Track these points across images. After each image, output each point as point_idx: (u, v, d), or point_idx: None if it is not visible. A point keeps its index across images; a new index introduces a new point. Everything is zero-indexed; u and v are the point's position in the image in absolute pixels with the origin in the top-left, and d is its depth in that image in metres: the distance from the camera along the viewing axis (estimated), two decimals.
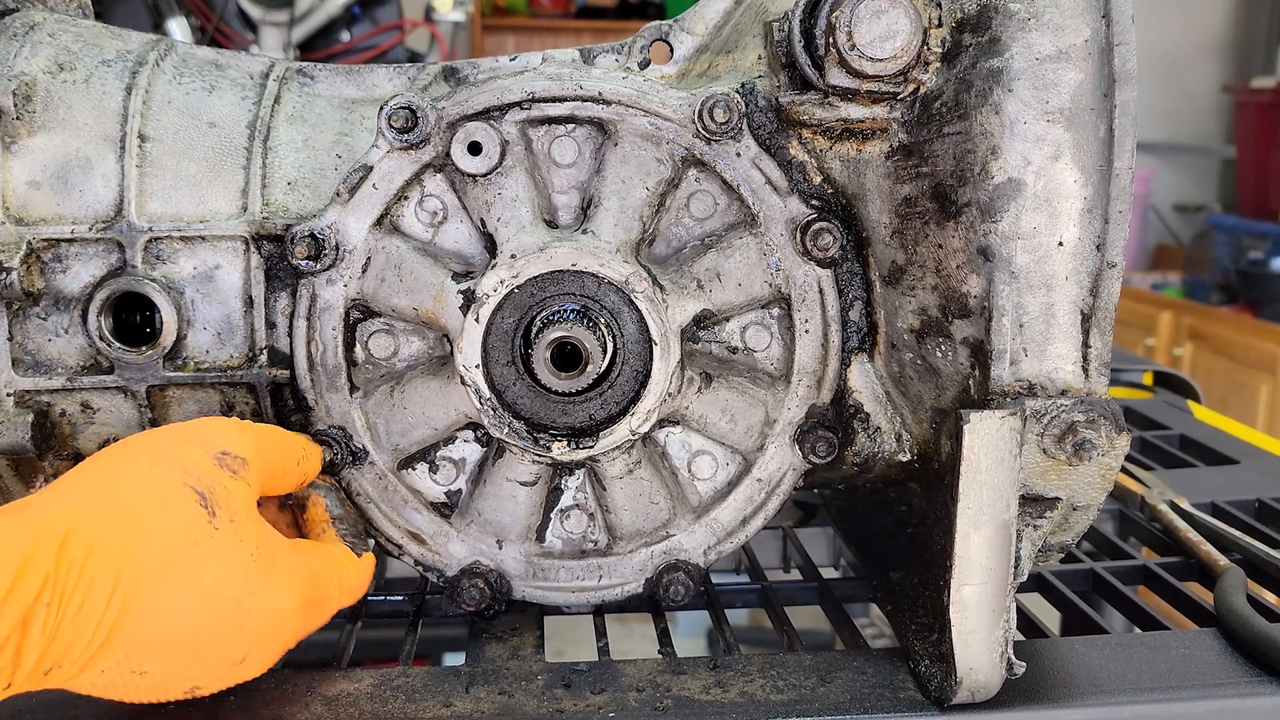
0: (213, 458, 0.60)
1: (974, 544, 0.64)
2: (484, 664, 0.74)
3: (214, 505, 0.57)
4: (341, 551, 0.69)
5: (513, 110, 0.74)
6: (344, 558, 0.68)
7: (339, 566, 0.66)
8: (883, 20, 0.68)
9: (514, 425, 0.74)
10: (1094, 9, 0.65)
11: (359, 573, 0.69)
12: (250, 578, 0.57)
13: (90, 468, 0.58)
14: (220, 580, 0.56)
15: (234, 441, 0.62)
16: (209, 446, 0.60)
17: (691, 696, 0.68)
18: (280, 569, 0.60)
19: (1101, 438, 0.66)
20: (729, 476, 0.80)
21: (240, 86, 0.81)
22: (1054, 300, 0.67)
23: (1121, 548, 0.96)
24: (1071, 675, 0.70)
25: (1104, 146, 0.65)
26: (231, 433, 0.63)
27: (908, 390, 0.77)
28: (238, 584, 0.57)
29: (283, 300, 0.77)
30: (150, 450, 0.59)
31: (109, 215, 0.76)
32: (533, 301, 0.73)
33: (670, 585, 0.79)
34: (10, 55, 0.77)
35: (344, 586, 0.67)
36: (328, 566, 0.65)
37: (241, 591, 0.57)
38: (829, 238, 0.75)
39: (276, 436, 0.68)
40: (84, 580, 0.50)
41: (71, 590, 0.49)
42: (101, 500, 0.54)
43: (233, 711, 0.67)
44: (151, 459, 0.58)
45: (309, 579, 0.62)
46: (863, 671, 0.71)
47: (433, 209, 0.76)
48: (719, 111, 0.73)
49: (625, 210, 0.74)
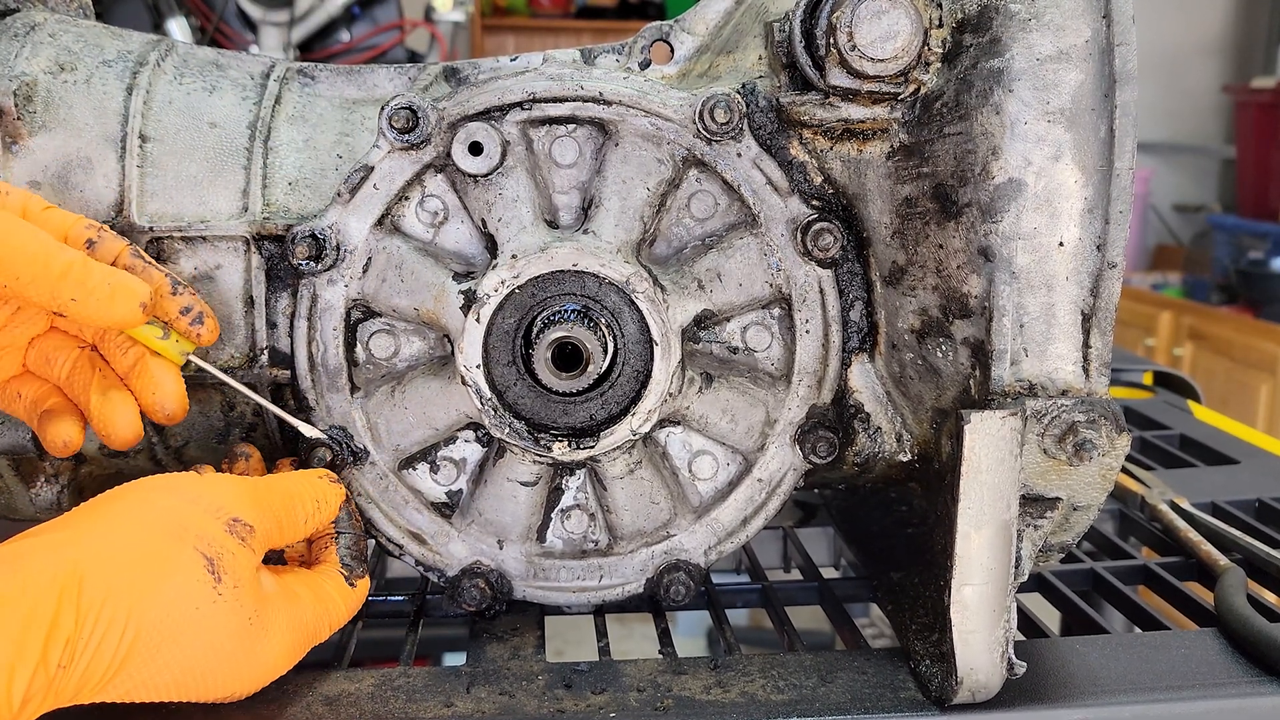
0: (224, 524, 0.62)
1: (974, 544, 0.64)
2: (485, 664, 0.74)
3: (220, 571, 0.60)
4: (334, 587, 0.69)
5: (514, 110, 0.74)
6: (335, 595, 0.69)
7: (329, 609, 0.68)
8: (883, 21, 0.68)
9: (515, 425, 0.74)
10: (1095, 9, 0.65)
11: (349, 608, 0.70)
12: (246, 639, 0.61)
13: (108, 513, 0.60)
14: (219, 641, 0.59)
15: (245, 509, 0.63)
16: (221, 513, 0.62)
17: (692, 696, 0.68)
18: (274, 629, 0.63)
19: (1102, 438, 0.66)
20: (730, 476, 0.80)
21: (241, 87, 0.81)
22: (1054, 300, 0.67)
23: (1122, 548, 0.96)
24: (1072, 675, 0.70)
25: (1104, 147, 0.65)
26: (245, 500, 0.64)
27: (908, 390, 0.77)
28: (235, 645, 0.60)
29: (283, 300, 0.77)
30: (166, 511, 0.60)
31: (110, 215, 0.76)
32: (534, 302, 0.73)
33: (671, 585, 0.79)
34: (11, 55, 0.77)
35: (333, 624, 0.69)
36: (317, 614, 0.67)
37: (238, 651, 0.61)
38: (830, 238, 0.75)
39: (285, 500, 0.67)
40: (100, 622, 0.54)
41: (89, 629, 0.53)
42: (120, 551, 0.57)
43: (233, 711, 0.67)
44: (167, 522, 0.60)
45: (300, 631, 0.66)
46: (863, 671, 0.71)
47: (434, 209, 0.76)
48: (720, 112, 0.73)
49: (626, 210, 0.74)
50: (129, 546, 0.57)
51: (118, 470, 0.82)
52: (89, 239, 0.66)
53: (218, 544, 0.60)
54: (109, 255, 0.67)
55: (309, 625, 0.67)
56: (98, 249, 0.66)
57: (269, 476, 0.70)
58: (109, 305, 0.62)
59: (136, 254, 0.68)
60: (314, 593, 0.68)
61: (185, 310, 0.69)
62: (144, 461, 0.81)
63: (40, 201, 0.66)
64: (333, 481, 0.72)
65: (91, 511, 0.60)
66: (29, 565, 0.53)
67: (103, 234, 0.67)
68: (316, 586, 0.68)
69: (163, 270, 0.69)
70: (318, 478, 0.71)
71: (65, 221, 0.66)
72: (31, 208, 0.65)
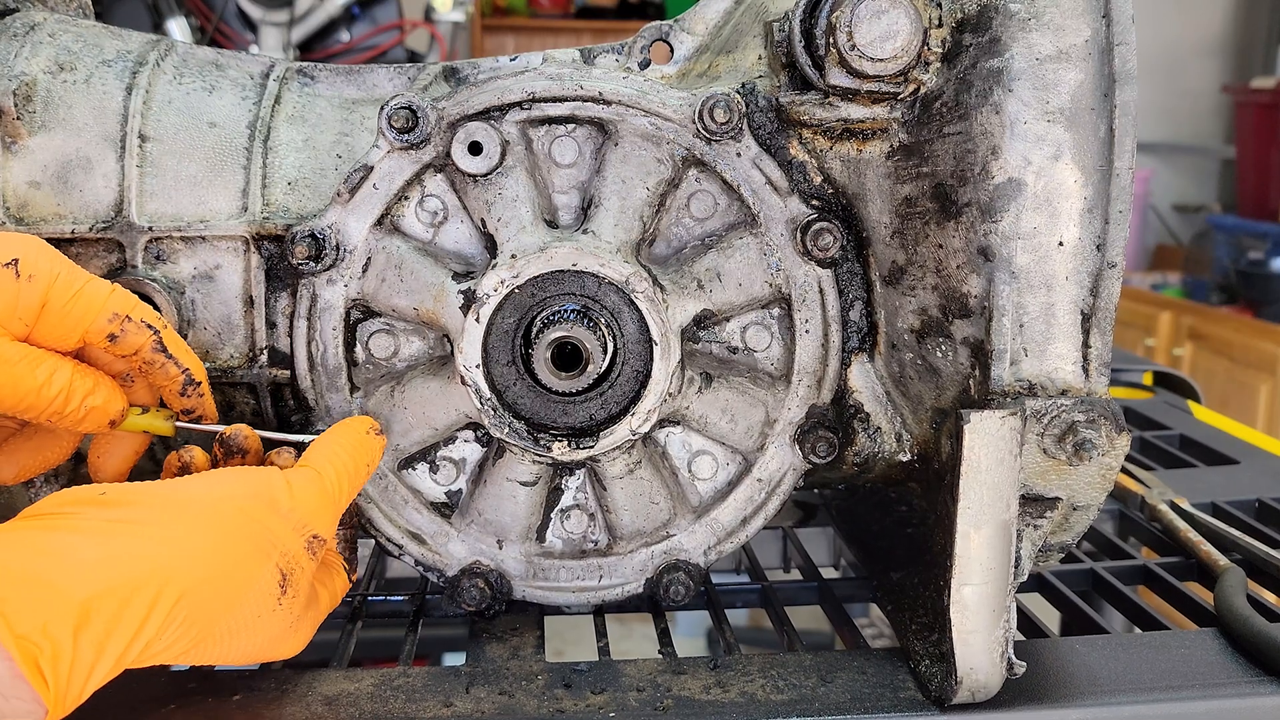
0: (305, 541, 0.64)
1: (974, 544, 0.64)
2: (484, 664, 0.74)
3: (288, 584, 0.63)
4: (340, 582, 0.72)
5: (513, 110, 0.74)
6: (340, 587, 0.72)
7: (332, 602, 0.71)
8: (883, 20, 0.68)
9: (514, 425, 0.74)
10: (1094, 9, 0.65)
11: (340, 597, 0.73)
12: (280, 639, 0.65)
13: (198, 513, 0.60)
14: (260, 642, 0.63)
15: (324, 523, 0.66)
16: (306, 530, 0.64)
17: (692, 696, 0.68)
18: (302, 630, 0.67)
19: (1102, 438, 0.66)
20: (729, 476, 0.80)
21: (240, 87, 0.81)
22: (1054, 300, 0.67)
23: (1121, 548, 0.96)
24: (1071, 675, 0.70)
25: (1104, 146, 0.65)
26: (327, 514, 0.66)
27: (908, 390, 0.77)
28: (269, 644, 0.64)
29: (283, 300, 0.77)
30: (261, 526, 0.62)
31: (109, 215, 0.76)
32: (533, 301, 0.73)
33: (670, 585, 0.79)
34: (11, 55, 0.77)
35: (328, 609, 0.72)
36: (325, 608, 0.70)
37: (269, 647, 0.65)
38: (829, 238, 0.75)
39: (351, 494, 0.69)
40: (177, 632, 0.56)
41: (168, 638, 0.55)
42: (209, 564, 0.58)
43: (233, 711, 0.67)
44: (259, 536, 0.61)
45: (314, 627, 0.69)
46: (863, 671, 0.71)
47: (433, 209, 0.76)
48: (719, 111, 0.73)
49: (625, 210, 0.74)
50: (218, 558, 0.58)
51: None
52: (110, 333, 0.66)
53: (295, 560, 0.63)
54: (130, 348, 0.67)
55: (319, 618, 0.69)
56: (120, 343, 0.66)
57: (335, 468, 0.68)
58: (80, 424, 0.67)
59: (158, 348, 0.68)
60: (328, 591, 0.70)
61: (186, 412, 0.71)
62: (144, 461, 0.81)
63: (69, 287, 0.65)
64: (377, 434, 0.72)
65: (177, 503, 0.60)
66: (123, 565, 0.54)
67: (126, 326, 0.66)
68: (329, 583, 0.71)
69: (181, 368, 0.69)
70: (365, 432, 0.71)
71: (89, 312, 0.65)
72: (55, 299, 0.64)
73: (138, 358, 0.68)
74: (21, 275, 0.63)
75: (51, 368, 0.64)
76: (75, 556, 0.53)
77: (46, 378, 0.64)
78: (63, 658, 0.49)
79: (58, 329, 0.65)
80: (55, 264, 0.65)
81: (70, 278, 0.65)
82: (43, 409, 0.65)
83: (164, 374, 0.69)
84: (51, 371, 0.64)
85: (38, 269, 0.64)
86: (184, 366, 0.69)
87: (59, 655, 0.49)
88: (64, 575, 0.51)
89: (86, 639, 0.50)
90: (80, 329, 0.65)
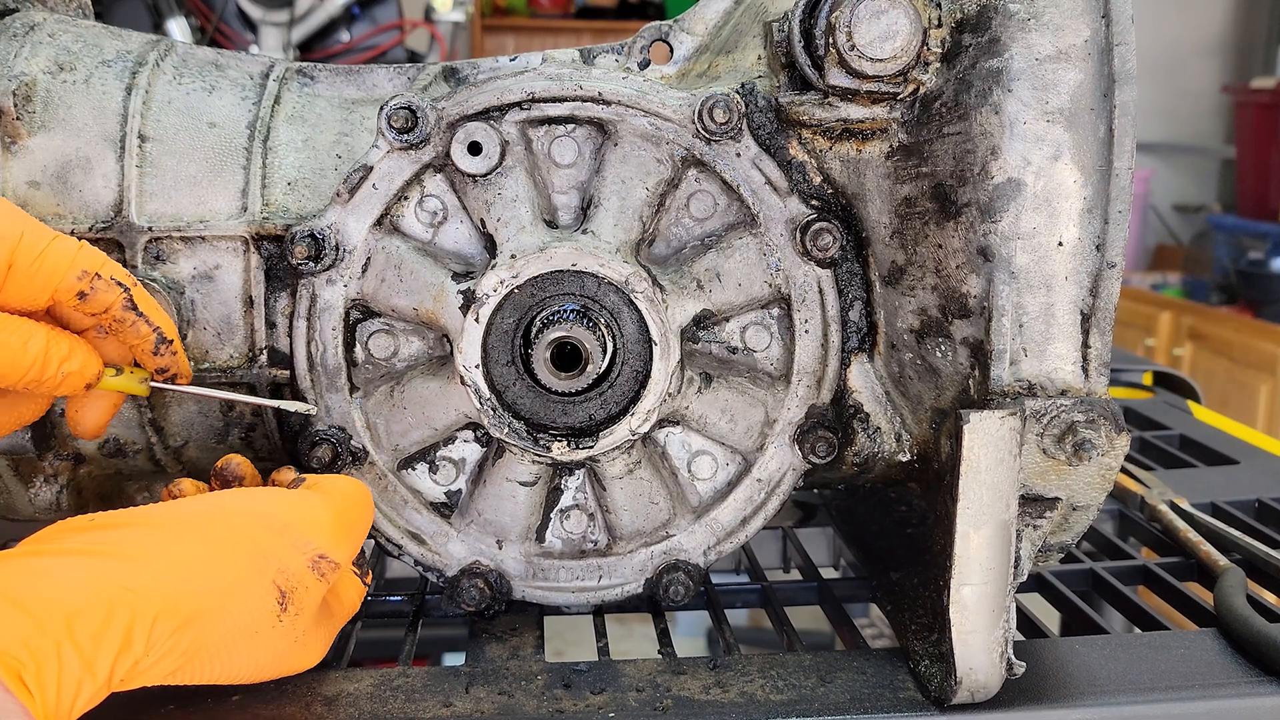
0: (309, 560, 0.62)
1: (974, 544, 0.64)
2: (484, 664, 0.74)
3: (289, 603, 0.61)
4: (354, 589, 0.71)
5: (513, 110, 0.74)
6: (354, 596, 0.71)
7: (346, 610, 0.70)
8: (882, 20, 0.68)
9: (514, 425, 0.74)
10: (1094, 9, 0.65)
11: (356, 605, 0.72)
12: (287, 655, 0.64)
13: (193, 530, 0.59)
14: (263, 658, 0.62)
15: (334, 545, 0.64)
16: (308, 548, 0.63)
17: (691, 697, 0.68)
18: (313, 644, 0.66)
19: (1101, 438, 0.66)
20: (729, 476, 0.80)
21: (240, 87, 0.81)
22: (1054, 300, 0.67)
23: (1121, 548, 0.96)
24: (1071, 675, 0.70)
25: (1104, 146, 0.65)
26: (333, 533, 0.64)
27: (907, 390, 0.77)
28: (275, 660, 0.64)
29: (282, 300, 0.77)
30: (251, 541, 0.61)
31: (109, 215, 0.76)
32: (533, 301, 0.73)
33: (670, 585, 0.79)
34: (10, 55, 0.77)
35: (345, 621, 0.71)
36: (342, 614, 0.70)
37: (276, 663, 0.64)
38: (829, 238, 0.75)
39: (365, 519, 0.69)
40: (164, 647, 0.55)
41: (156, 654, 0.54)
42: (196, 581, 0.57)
43: (233, 710, 0.67)
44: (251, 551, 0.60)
45: (329, 635, 0.69)
46: (863, 671, 0.71)
47: (433, 209, 0.76)
48: (719, 112, 0.73)
49: (625, 210, 0.74)
50: (207, 576, 0.57)
51: (117, 470, 0.82)
52: (80, 291, 0.65)
53: (296, 578, 0.61)
54: (100, 306, 0.66)
55: (335, 630, 0.69)
56: (89, 300, 0.65)
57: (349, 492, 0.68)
58: (57, 389, 0.66)
59: (128, 306, 0.67)
60: (340, 600, 0.69)
61: (161, 371, 0.70)
62: (143, 462, 0.81)
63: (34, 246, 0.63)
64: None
65: (171, 522, 0.59)
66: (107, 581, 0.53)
67: (95, 284, 0.65)
68: (343, 595, 0.70)
69: (152, 326, 0.68)
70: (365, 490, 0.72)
71: (57, 271, 0.64)
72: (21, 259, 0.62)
73: (108, 315, 0.66)
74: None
75: (26, 334, 0.63)
76: (57, 576, 0.52)
77: (21, 345, 0.63)
78: (48, 671, 0.48)
79: (26, 289, 0.63)
80: (17, 222, 0.63)
81: (35, 236, 0.63)
82: (19, 377, 0.63)
83: (135, 332, 0.67)
84: (26, 339, 0.63)
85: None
86: (155, 324, 0.68)
87: (43, 669, 0.48)
88: (45, 593, 0.51)
89: (70, 652, 0.49)
90: (49, 288, 0.64)
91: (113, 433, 0.80)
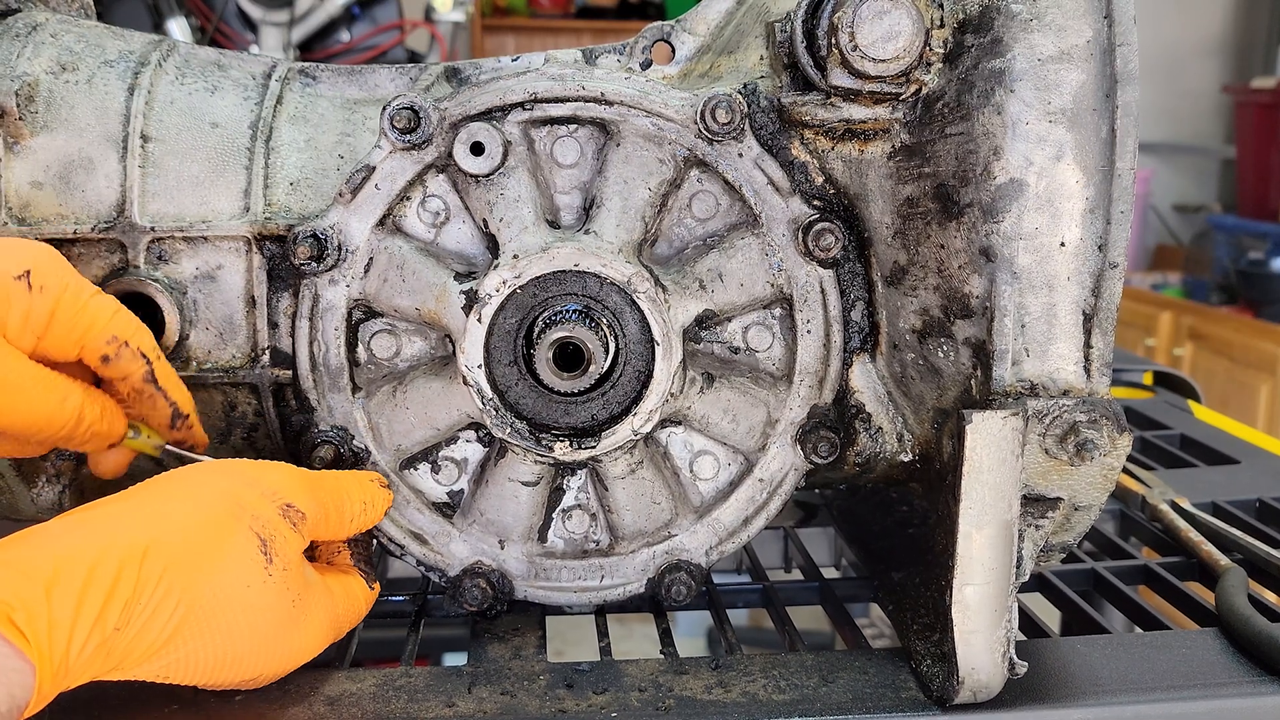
0: (278, 508, 0.64)
1: (976, 544, 0.64)
2: (486, 664, 0.74)
3: (271, 552, 0.62)
4: (358, 586, 0.72)
5: (515, 111, 0.74)
6: (359, 594, 0.72)
7: (355, 603, 0.71)
8: (885, 21, 0.68)
9: (516, 425, 0.74)
10: (1096, 10, 0.65)
11: (367, 605, 0.73)
12: (289, 621, 0.63)
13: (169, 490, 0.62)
14: (264, 621, 0.62)
15: (299, 496, 0.65)
16: (276, 498, 0.64)
17: (694, 696, 0.69)
18: (313, 615, 0.66)
19: (1103, 438, 0.66)
20: (731, 476, 0.80)
21: (242, 87, 0.81)
22: (1056, 300, 0.67)
23: (1122, 547, 0.96)
24: (1073, 675, 0.70)
25: (1106, 147, 0.65)
26: (300, 487, 0.66)
27: (909, 390, 0.77)
28: (277, 625, 0.63)
29: (285, 300, 0.77)
30: (225, 492, 0.62)
31: (111, 215, 0.76)
32: (535, 302, 0.73)
33: (672, 585, 0.79)
34: (13, 56, 0.77)
35: (354, 621, 0.72)
36: (347, 606, 0.70)
37: (280, 631, 0.63)
38: (831, 238, 0.75)
39: (336, 497, 0.69)
40: (157, 592, 0.55)
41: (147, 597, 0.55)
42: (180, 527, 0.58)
43: (235, 710, 0.67)
44: (225, 501, 0.62)
45: (333, 620, 0.68)
46: (864, 671, 0.71)
47: (435, 209, 0.76)
48: (721, 112, 0.73)
49: (627, 211, 0.75)
50: (189, 522, 0.59)
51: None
52: (105, 355, 0.67)
53: (271, 526, 0.62)
54: (122, 373, 0.68)
55: (340, 618, 0.69)
56: (112, 364, 0.67)
57: (322, 471, 0.71)
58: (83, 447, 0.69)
59: (149, 379, 0.69)
60: (344, 589, 0.70)
61: (177, 444, 0.72)
62: (145, 462, 0.81)
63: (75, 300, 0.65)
64: (383, 486, 0.74)
65: (153, 488, 0.62)
66: (92, 531, 0.55)
67: (121, 351, 0.67)
68: (345, 584, 0.70)
69: (169, 401, 0.70)
70: (369, 480, 0.73)
71: (93, 328, 0.66)
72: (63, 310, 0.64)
73: (127, 384, 0.68)
74: (34, 287, 0.63)
75: (63, 393, 0.65)
76: (43, 539, 0.54)
77: (58, 404, 0.65)
78: (38, 615, 0.50)
79: (61, 340, 0.65)
80: (65, 274, 0.65)
81: (78, 289, 0.66)
82: (51, 433, 0.65)
83: (152, 405, 0.70)
84: (63, 397, 0.65)
85: (48, 280, 0.64)
86: (172, 400, 0.70)
87: (33, 613, 0.50)
88: (32, 549, 0.53)
89: (60, 596, 0.51)
90: (80, 344, 0.66)
91: None
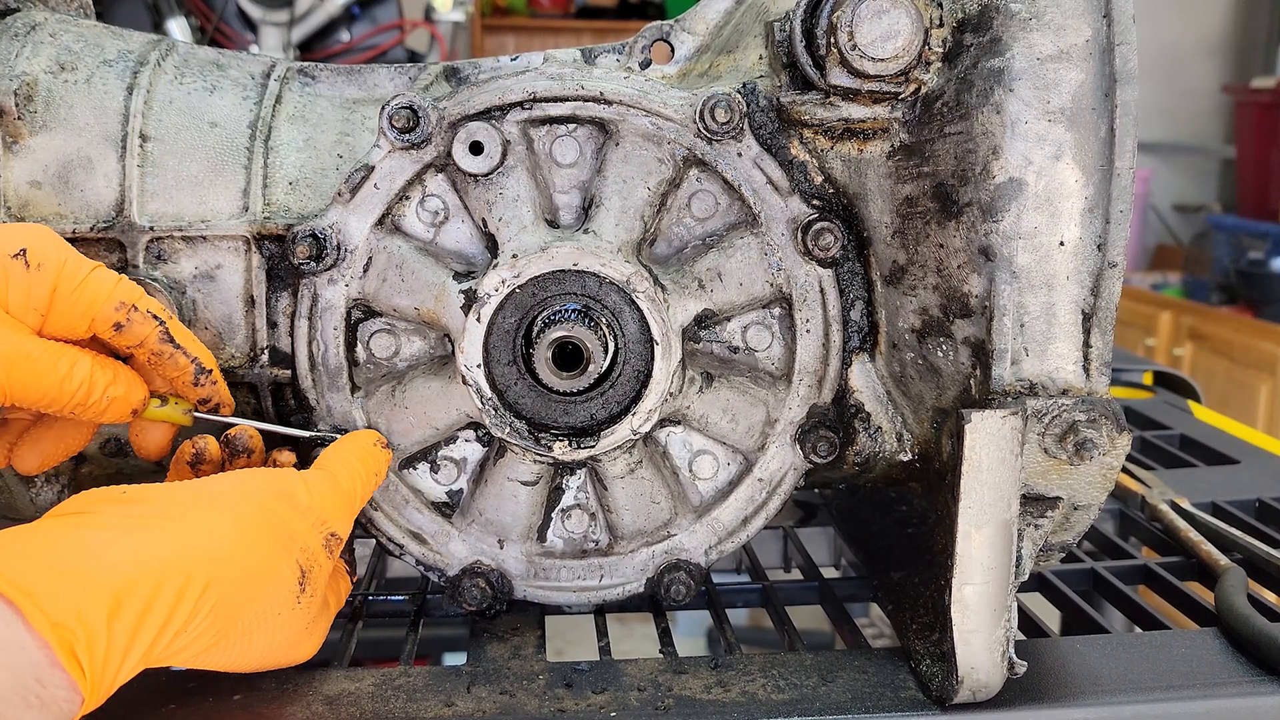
0: (323, 539, 0.65)
1: (975, 543, 0.64)
2: (485, 663, 0.74)
3: (307, 582, 0.64)
4: (345, 585, 0.74)
5: (514, 110, 0.74)
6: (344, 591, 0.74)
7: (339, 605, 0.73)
8: (884, 20, 0.68)
9: (515, 425, 0.74)
10: (1095, 9, 0.65)
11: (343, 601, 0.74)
12: (295, 642, 0.66)
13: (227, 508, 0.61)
14: (279, 641, 0.64)
15: (340, 521, 0.67)
16: (324, 527, 0.65)
17: (693, 696, 0.68)
18: (316, 633, 0.68)
19: (1103, 437, 0.66)
20: (730, 476, 0.80)
21: (242, 86, 0.81)
22: (1055, 300, 0.67)
23: (1122, 547, 0.96)
24: (1072, 675, 0.70)
25: (1105, 146, 0.65)
26: (342, 512, 0.68)
27: (909, 390, 0.77)
28: (288, 644, 0.66)
29: (284, 300, 0.77)
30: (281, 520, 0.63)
31: (110, 215, 0.76)
32: (534, 301, 0.73)
33: (671, 585, 0.79)
34: (12, 55, 0.77)
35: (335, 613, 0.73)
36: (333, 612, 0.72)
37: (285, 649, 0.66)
38: (830, 237, 0.75)
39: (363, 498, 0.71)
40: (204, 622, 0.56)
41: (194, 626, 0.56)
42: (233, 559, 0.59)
43: (234, 710, 0.67)
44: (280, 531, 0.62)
45: (325, 632, 0.71)
46: (864, 671, 0.71)
47: (434, 209, 0.76)
48: (720, 111, 0.73)
49: (627, 210, 0.74)
50: (244, 551, 0.59)
51: (118, 470, 0.82)
52: (116, 322, 0.66)
53: (314, 557, 0.64)
54: (136, 338, 0.67)
55: (329, 622, 0.71)
56: (125, 331, 0.67)
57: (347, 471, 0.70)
58: (102, 415, 0.68)
59: (165, 338, 0.68)
60: (335, 595, 0.72)
61: (203, 402, 0.71)
62: (144, 460, 0.81)
63: (75, 274, 0.65)
64: (383, 447, 0.74)
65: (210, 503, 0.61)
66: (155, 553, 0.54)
67: (131, 317, 0.67)
68: (336, 588, 0.72)
69: (190, 357, 0.69)
70: (371, 444, 0.73)
71: (97, 300, 0.66)
72: (63, 286, 0.64)
73: (144, 348, 0.68)
74: (31, 265, 0.63)
75: (71, 360, 0.65)
76: (104, 548, 0.53)
77: (68, 370, 0.64)
78: (97, 645, 0.49)
79: (67, 317, 0.65)
80: (62, 251, 0.65)
81: (76, 264, 0.65)
82: (65, 402, 0.65)
83: (173, 364, 0.69)
84: (72, 364, 0.65)
85: (45, 257, 0.64)
86: (193, 356, 0.70)
87: (94, 643, 0.49)
88: (94, 566, 0.52)
89: (120, 626, 0.51)
90: (88, 317, 0.65)
91: (113, 432, 0.80)
